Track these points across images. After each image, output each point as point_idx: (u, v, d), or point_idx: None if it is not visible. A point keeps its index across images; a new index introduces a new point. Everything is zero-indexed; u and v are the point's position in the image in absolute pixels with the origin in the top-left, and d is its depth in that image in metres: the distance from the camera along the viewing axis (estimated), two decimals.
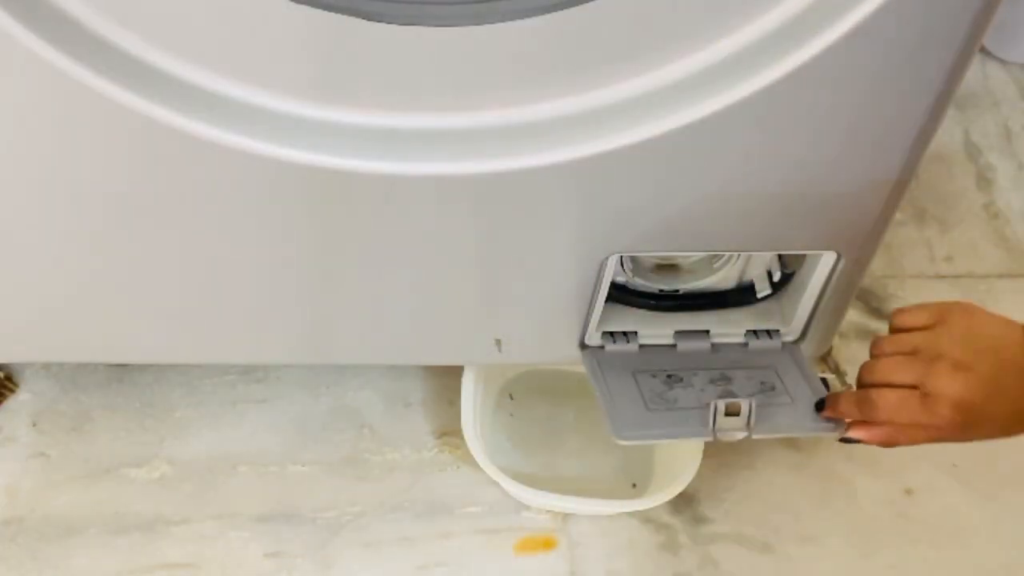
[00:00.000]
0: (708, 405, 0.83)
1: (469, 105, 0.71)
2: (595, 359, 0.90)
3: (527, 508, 1.01)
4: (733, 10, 0.68)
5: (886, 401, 0.77)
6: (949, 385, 0.74)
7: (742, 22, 0.68)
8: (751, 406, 0.83)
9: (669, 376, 0.89)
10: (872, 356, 0.81)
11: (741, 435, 0.84)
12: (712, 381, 0.89)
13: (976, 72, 1.35)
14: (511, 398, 1.06)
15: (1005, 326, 0.76)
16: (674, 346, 0.92)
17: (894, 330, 0.81)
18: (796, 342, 0.93)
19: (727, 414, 0.83)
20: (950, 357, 0.74)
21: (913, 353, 0.77)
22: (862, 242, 0.84)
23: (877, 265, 1.18)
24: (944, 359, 0.75)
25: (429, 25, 0.66)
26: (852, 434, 0.81)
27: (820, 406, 0.86)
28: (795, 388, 0.88)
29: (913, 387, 0.76)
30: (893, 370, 0.78)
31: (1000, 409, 0.74)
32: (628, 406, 0.86)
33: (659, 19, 0.67)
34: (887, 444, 0.79)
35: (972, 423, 0.74)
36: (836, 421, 0.84)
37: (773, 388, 0.88)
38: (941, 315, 0.77)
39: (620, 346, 0.91)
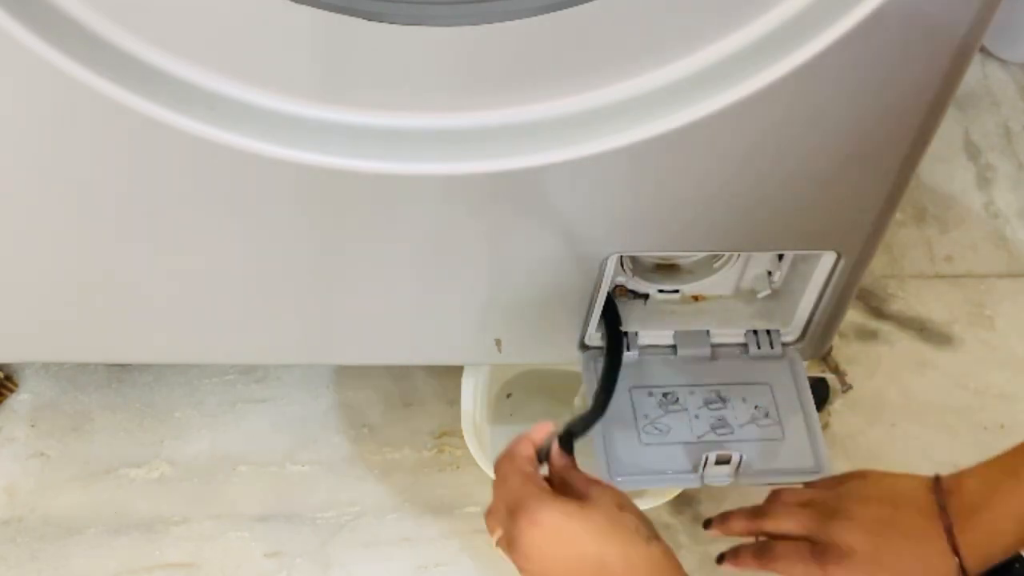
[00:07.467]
0: (701, 455, 0.86)
1: (469, 105, 0.71)
2: (595, 373, 0.90)
3: None
4: (733, 10, 0.68)
5: (784, 551, 0.80)
6: (840, 536, 0.76)
7: (742, 22, 0.68)
8: (741, 457, 0.85)
9: (665, 395, 0.90)
10: (767, 503, 0.84)
11: (728, 481, 0.86)
12: (707, 403, 0.90)
13: (976, 72, 1.35)
14: (508, 397, 1.06)
15: (905, 479, 0.78)
16: (674, 350, 0.92)
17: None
18: (796, 342, 0.93)
19: (717, 463, 0.86)
20: (843, 512, 0.77)
21: (808, 505, 0.80)
22: (862, 242, 0.84)
23: (877, 265, 1.18)
24: (837, 514, 0.77)
25: (430, 25, 0.66)
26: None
27: (707, 524, 0.87)
28: (788, 415, 0.89)
29: (806, 538, 0.79)
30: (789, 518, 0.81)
31: (901, 555, 0.75)
32: (623, 442, 0.88)
33: (659, 19, 0.67)
34: None
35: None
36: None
37: (767, 415, 0.89)
38: (840, 479, 0.81)
39: None
